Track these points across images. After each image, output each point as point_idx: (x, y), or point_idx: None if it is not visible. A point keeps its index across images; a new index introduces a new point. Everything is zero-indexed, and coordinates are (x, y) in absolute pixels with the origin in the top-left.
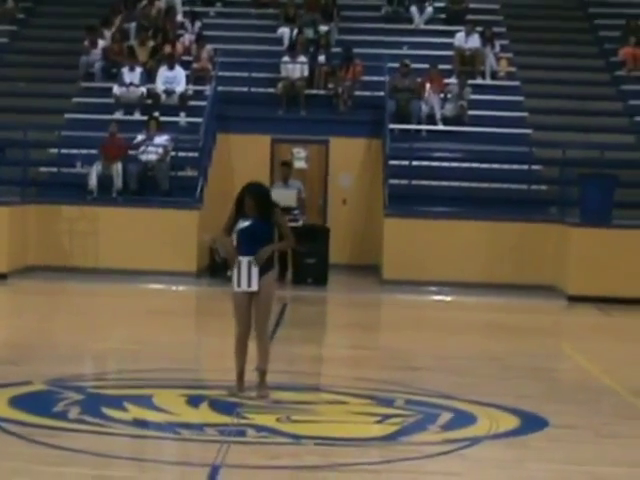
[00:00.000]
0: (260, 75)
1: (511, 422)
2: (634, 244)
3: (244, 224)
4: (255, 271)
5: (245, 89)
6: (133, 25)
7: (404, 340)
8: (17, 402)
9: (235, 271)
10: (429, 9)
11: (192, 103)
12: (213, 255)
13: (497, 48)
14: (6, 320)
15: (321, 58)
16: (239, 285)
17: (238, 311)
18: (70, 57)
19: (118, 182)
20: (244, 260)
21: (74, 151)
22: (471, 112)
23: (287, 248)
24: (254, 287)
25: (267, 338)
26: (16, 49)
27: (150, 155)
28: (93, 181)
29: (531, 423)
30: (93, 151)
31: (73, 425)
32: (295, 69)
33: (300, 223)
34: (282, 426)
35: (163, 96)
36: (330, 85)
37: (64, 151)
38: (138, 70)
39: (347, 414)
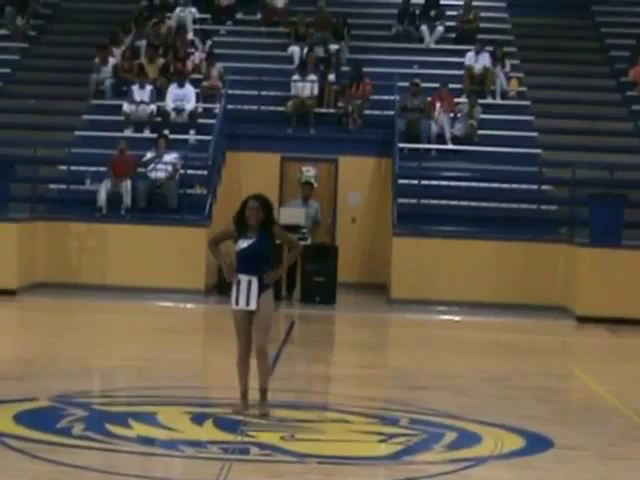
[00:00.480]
0: (270, 93)
1: (516, 442)
2: None
3: (244, 244)
4: (254, 290)
5: (255, 107)
6: (143, 43)
7: (411, 359)
8: (22, 418)
9: (234, 289)
10: (439, 28)
11: (202, 121)
12: (221, 273)
13: (507, 67)
14: (13, 336)
15: (331, 77)
16: (237, 303)
17: (238, 329)
18: (80, 75)
19: (127, 199)
20: (244, 278)
21: (83, 168)
22: (481, 132)
23: (296, 257)
24: (252, 306)
25: (267, 356)
26: (27, 66)
27: (159, 173)
28: (102, 198)
29: (536, 444)
30: (102, 168)
31: (77, 442)
32: (305, 87)
33: (309, 242)
34: (286, 444)
35: (173, 114)
36: (340, 104)
37: (73, 168)
38: (148, 88)
39: (352, 433)
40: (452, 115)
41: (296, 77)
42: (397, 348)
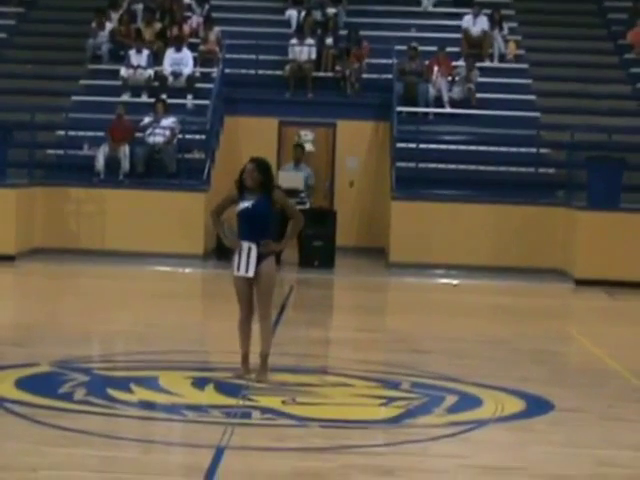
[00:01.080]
0: (267, 57)
1: (516, 405)
2: None
3: (244, 205)
4: (254, 257)
5: (252, 72)
6: (140, 7)
7: (410, 323)
8: (23, 383)
9: (236, 255)
10: None
11: (199, 85)
12: (220, 237)
13: (505, 31)
14: (13, 302)
15: (329, 41)
16: (238, 270)
17: (239, 295)
18: (77, 39)
19: (125, 164)
20: (245, 245)
21: (81, 133)
22: (479, 95)
23: (298, 230)
24: (250, 273)
25: (269, 322)
26: (23, 31)
27: (157, 137)
28: (100, 163)
29: (536, 406)
30: (100, 133)
31: (79, 406)
32: (303, 52)
33: (307, 206)
34: (287, 408)
35: (170, 78)
36: (337, 68)
37: (71, 133)
38: (145, 52)
39: (353, 397)
40: (450, 79)
41: (294, 41)
42: (396, 312)
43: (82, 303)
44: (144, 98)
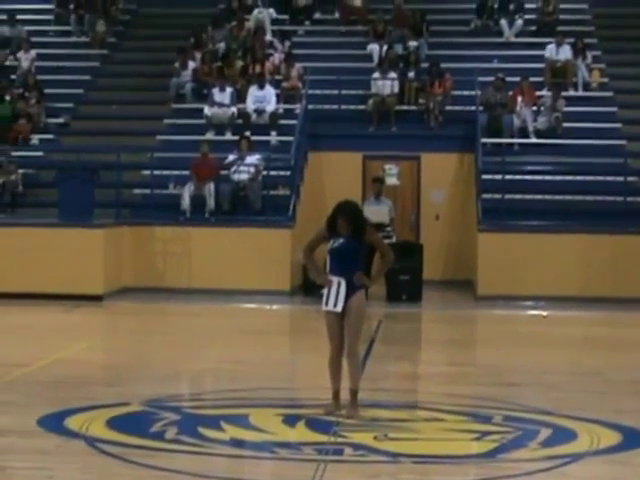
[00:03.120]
0: (350, 92)
1: (613, 438)
2: None
3: (336, 244)
4: (343, 292)
5: (335, 106)
6: (223, 45)
7: (500, 356)
8: (114, 423)
9: (326, 290)
10: (519, 21)
11: (283, 122)
12: (306, 273)
13: (589, 59)
14: (102, 341)
15: (411, 74)
16: (327, 304)
17: (329, 330)
18: (160, 79)
19: (210, 202)
20: (334, 280)
21: (167, 172)
22: (564, 124)
23: (389, 265)
24: (339, 308)
25: (358, 357)
26: (108, 73)
27: (242, 175)
28: (186, 201)
29: (633, 439)
30: (185, 172)
31: (170, 445)
32: (385, 85)
33: (393, 240)
34: (379, 444)
35: (254, 115)
36: (421, 100)
37: (157, 172)
38: (228, 90)
39: (445, 431)
40: (535, 108)
41: (376, 75)
42: (485, 344)
43: (170, 341)
44: (228, 136)
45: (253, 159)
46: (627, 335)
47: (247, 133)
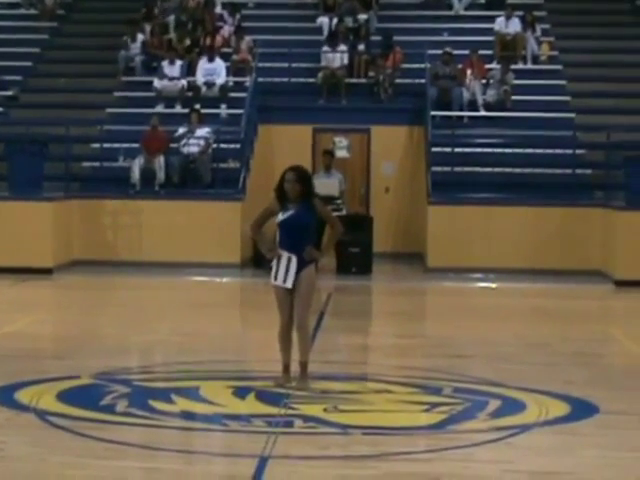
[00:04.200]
0: (300, 65)
1: (561, 409)
2: None
3: (286, 215)
4: (293, 268)
5: (285, 79)
6: (172, 18)
7: (450, 328)
8: (65, 396)
9: (274, 264)
10: None
11: (233, 95)
12: (257, 246)
13: (538, 32)
14: (52, 315)
15: (361, 47)
16: (275, 279)
17: (279, 303)
18: (110, 52)
19: (160, 175)
20: (284, 255)
21: (116, 145)
22: (513, 97)
23: (338, 237)
24: (289, 284)
25: (308, 330)
26: (56, 45)
27: (192, 148)
28: (136, 175)
29: (581, 409)
30: (135, 145)
31: (121, 418)
32: (335, 58)
33: (344, 212)
34: (330, 416)
35: (204, 88)
36: (371, 73)
37: (106, 145)
38: (178, 63)
39: (395, 403)
40: (484, 82)
41: (326, 48)
42: (435, 317)
43: (121, 314)
44: (178, 109)
45: (203, 132)
46: (575, 307)
47: (197, 106)
